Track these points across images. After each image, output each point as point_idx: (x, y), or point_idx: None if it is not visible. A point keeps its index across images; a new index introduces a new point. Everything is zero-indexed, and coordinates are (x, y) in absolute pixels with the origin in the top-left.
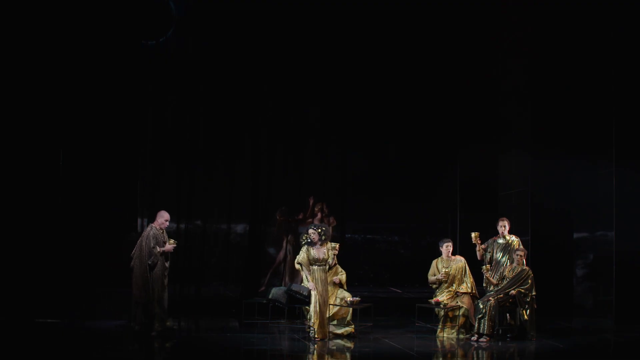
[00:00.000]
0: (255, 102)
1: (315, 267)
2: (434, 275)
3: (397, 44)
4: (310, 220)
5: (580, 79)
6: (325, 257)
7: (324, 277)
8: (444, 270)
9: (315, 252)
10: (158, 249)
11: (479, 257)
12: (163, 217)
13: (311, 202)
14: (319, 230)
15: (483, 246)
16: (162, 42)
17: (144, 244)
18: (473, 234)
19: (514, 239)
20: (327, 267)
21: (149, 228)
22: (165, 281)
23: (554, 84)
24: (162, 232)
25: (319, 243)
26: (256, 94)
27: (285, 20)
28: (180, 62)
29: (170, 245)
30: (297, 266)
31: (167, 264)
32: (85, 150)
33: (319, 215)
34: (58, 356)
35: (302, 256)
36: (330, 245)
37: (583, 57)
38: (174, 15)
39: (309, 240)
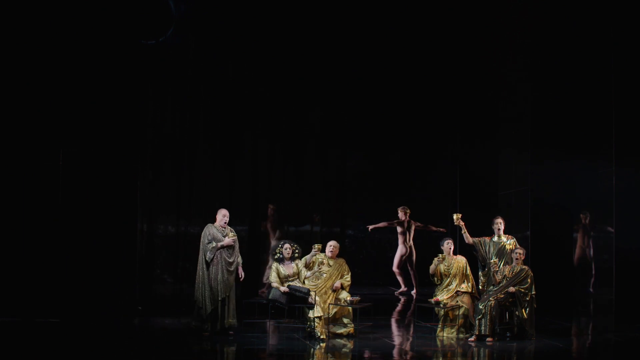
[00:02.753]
0: (256, 102)
1: (287, 284)
2: (434, 264)
3: (397, 44)
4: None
5: (580, 77)
6: (296, 270)
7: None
8: (439, 255)
9: (284, 269)
10: (214, 244)
11: (466, 240)
12: (220, 214)
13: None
14: (294, 247)
15: (477, 239)
16: (161, 41)
17: (200, 243)
18: (455, 216)
19: (509, 241)
20: (303, 278)
21: (206, 227)
22: (231, 277)
23: (554, 82)
24: (224, 229)
25: (290, 260)
26: (256, 95)
27: (286, 20)
28: (180, 62)
29: (229, 239)
30: (275, 285)
31: (230, 259)
32: (85, 150)
33: (404, 218)
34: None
35: (272, 275)
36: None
37: (583, 55)
38: (174, 15)
39: (280, 257)
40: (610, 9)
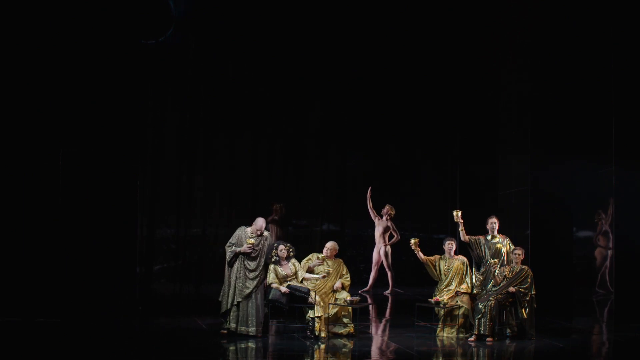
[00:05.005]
0: (256, 102)
1: (287, 283)
2: (416, 251)
3: (397, 43)
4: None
5: (580, 77)
6: (294, 270)
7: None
8: (411, 240)
9: (282, 270)
10: (233, 248)
11: (462, 238)
12: (256, 225)
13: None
14: (287, 246)
15: (473, 237)
16: (161, 41)
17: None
18: (455, 212)
19: (504, 242)
20: (301, 279)
21: (238, 229)
22: (249, 283)
23: (554, 82)
24: (254, 235)
25: (286, 260)
26: (256, 95)
27: (286, 20)
28: (180, 62)
29: (245, 246)
30: (275, 286)
31: (251, 267)
32: (85, 150)
33: (386, 217)
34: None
35: (271, 277)
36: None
37: (583, 55)
38: (174, 15)
39: (277, 259)
40: (610, 9)
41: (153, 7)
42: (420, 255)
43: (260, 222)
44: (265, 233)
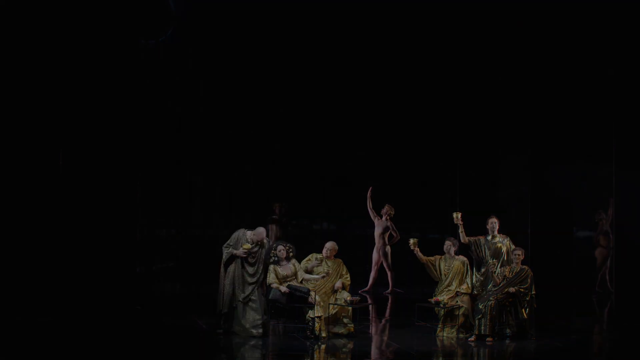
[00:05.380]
0: (256, 102)
1: (287, 283)
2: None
3: (398, 43)
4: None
5: (580, 77)
6: (294, 270)
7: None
8: (410, 240)
9: (282, 270)
10: (230, 250)
11: (462, 240)
12: (257, 235)
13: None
14: (287, 247)
15: (474, 238)
16: (161, 41)
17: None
18: (455, 214)
19: (504, 241)
20: (301, 278)
21: (237, 230)
22: (246, 287)
23: (554, 82)
24: (252, 242)
25: (286, 260)
26: (256, 95)
27: (287, 20)
28: (180, 62)
29: (241, 250)
30: (275, 286)
31: (251, 271)
32: (85, 150)
33: (385, 217)
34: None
35: (271, 277)
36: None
37: (583, 54)
38: (174, 15)
39: (276, 259)
40: (611, 11)
41: (153, 6)
42: (420, 255)
43: (261, 231)
44: (264, 240)
